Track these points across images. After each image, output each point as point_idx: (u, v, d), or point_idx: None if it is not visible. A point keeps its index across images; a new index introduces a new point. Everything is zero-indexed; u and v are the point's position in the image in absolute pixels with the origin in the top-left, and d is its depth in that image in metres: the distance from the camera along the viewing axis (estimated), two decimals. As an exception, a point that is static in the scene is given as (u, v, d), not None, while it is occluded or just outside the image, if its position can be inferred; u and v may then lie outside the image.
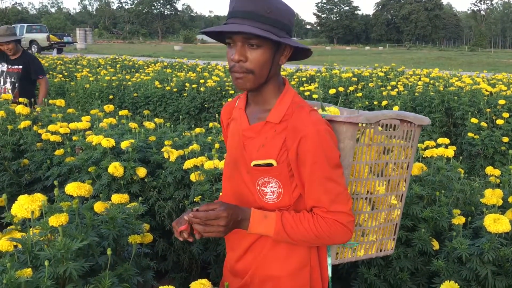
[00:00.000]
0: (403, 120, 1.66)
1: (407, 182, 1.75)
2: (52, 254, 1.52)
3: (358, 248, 1.71)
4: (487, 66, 26.43)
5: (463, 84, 7.80)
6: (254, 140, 1.50)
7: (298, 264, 1.54)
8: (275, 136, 1.46)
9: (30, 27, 33.68)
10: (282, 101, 1.49)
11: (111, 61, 17.00)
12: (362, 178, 1.63)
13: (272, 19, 1.38)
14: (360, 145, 1.59)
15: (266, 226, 1.44)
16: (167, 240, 3.00)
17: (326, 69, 11.19)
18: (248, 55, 1.39)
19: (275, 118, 1.47)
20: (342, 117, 1.55)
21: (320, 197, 1.44)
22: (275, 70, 1.47)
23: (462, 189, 2.68)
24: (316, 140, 1.40)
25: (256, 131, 1.50)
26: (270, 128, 1.48)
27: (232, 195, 1.61)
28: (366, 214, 1.67)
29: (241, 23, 1.36)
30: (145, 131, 3.63)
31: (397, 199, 1.74)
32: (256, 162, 1.48)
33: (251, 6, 1.36)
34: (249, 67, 1.40)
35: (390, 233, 1.78)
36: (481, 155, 5.67)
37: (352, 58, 35.08)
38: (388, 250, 1.80)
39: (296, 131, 1.42)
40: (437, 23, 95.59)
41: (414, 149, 1.74)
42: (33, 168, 3.52)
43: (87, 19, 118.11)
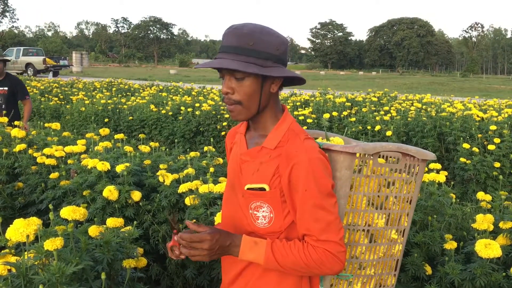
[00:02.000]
0: (404, 154, 1.65)
1: (410, 217, 1.71)
2: (46, 278, 1.53)
3: (354, 281, 1.67)
4: (478, 92, 26.78)
5: (455, 109, 7.91)
6: (250, 164, 1.52)
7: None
8: (270, 161, 1.48)
9: (26, 50, 33.89)
10: (279, 128, 1.51)
11: (107, 85, 17.08)
12: (359, 209, 1.60)
13: (256, 51, 1.41)
14: (358, 175, 1.58)
15: (256, 253, 1.44)
16: (161, 264, 2.99)
17: (320, 93, 11.32)
18: (235, 87, 1.43)
19: (271, 144, 1.50)
20: (339, 147, 1.55)
21: (310, 225, 1.43)
22: (268, 99, 1.49)
23: (454, 214, 2.71)
24: (307, 168, 1.41)
25: (252, 155, 1.52)
26: (265, 154, 1.50)
27: (228, 218, 1.62)
28: (363, 246, 1.64)
29: (226, 58, 1.41)
30: (140, 155, 3.65)
31: (398, 234, 1.70)
32: (249, 185, 1.50)
33: (235, 41, 1.41)
34: (236, 98, 1.44)
35: (391, 269, 1.73)
36: (473, 180, 5.72)
37: (345, 82, 35.44)
38: (388, 286, 1.74)
39: (289, 158, 1.44)
40: (429, 49, 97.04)
41: (418, 184, 1.70)
42: (27, 191, 3.52)
43: (84, 43, 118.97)
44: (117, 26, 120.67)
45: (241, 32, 1.42)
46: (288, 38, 61.73)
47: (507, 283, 2.12)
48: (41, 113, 12.06)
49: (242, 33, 1.42)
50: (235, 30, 1.43)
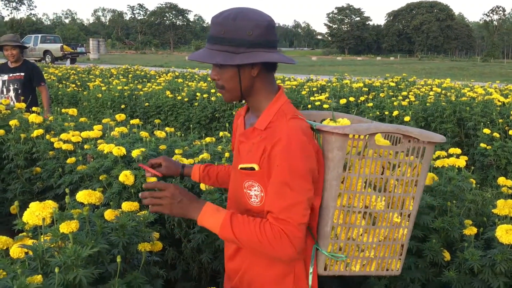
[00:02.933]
0: (406, 136, 1.61)
1: (416, 201, 1.67)
2: (62, 261, 1.53)
3: (352, 263, 1.66)
4: (499, 77, 26.23)
5: (475, 94, 7.74)
6: (245, 144, 1.59)
7: (281, 272, 1.57)
8: (259, 142, 1.53)
9: (44, 37, 34.22)
10: (270, 109, 1.56)
11: (123, 71, 17.16)
12: (355, 191, 1.59)
13: (227, 39, 1.47)
14: (353, 157, 1.56)
15: (215, 220, 1.48)
16: (177, 248, 3.00)
17: (337, 79, 11.20)
18: (218, 74, 1.54)
19: (261, 124, 1.55)
20: (329, 127, 1.55)
21: (273, 202, 1.46)
22: (251, 82, 1.54)
23: (474, 200, 2.65)
24: (284, 146, 1.44)
25: (247, 136, 1.59)
26: (256, 134, 1.55)
27: (233, 197, 1.70)
28: (361, 228, 1.62)
29: (206, 48, 1.52)
30: (155, 140, 3.65)
31: (402, 217, 1.67)
32: (242, 165, 1.57)
33: (212, 30, 1.51)
34: (220, 84, 1.55)
35: (395, 253, 1.71)
36: (493, 166, 5.62)
37: (363, 68, 35.05)
38: (394, 270, 1.73)
39: (272, 137, 1.49)
40: (449, 34, 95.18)
41: (425, 167, 1.66)
42: (45, 176, 3.55)
43: (100, 30, 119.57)
44: (133, 12, 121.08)
45: (216, 21, 1.49)
46: (304, 24, 60.36)
47: (529, 269, 2.08)
48: (59, 99, 12.18)
49: (217, 22, 1.49)
50: (213, 18, 1.51)
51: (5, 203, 3.82)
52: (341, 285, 2.56)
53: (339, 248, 1.62)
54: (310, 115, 1.93)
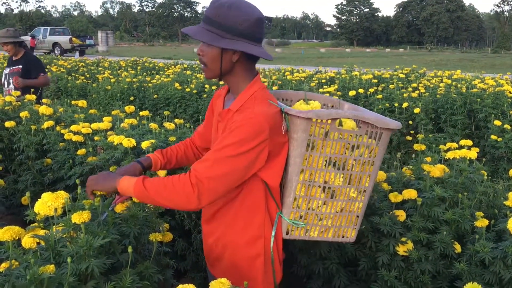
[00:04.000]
0: (364, 122, 1.78)
1: (372, 179, 1.88)
2: (74, 251, 1.54)
3: (312, 230, 1.88)
4: (510, 68, 25.91)
5: (486, 86, 7.66)
6: (220, 124, 1.75)
7: (254, 235, 1.76)
8: (229, 122, 1.67)
9: (53, 29, 34.33)
10: (245, 93, 1.71)
11: (132, 63, 17.19)
12: (316, 168, 1.78)
13: (217, 23, 1.63)
14: (314, 138, 1.74)
15: (129, 183, 1.68)
16: (187, 239, 3.01)
17: (346, 71, 11.13)
18: (204, 51, 1.69)
19: (234, 106, 1.70)
20: (295, 111, 1.71)
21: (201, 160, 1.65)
22: (230, 66, 1.70)
23: (485, 192, 2.63)
24: (238, 120, 1.62)
25: (222, 116, 1.74)
26: (230, 115, 1.70)
27: None
28: (320, 200, 1.84)
29: (200, 25, 1.67)
30: (165, 132, 3.66)
31: (358, 192, 1.88)
32: None
33: (207, 11, 1.66)
34: (203, 60, 1.70)
35: (351, 223, 1.93)
36: (504, 158, 5.57)
37: (372, 60, 34.81)
38: (349, 237, 1.96)
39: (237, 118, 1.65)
40: (459, 25, 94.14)
41: (381, 150, 1.85)
42: (55, 168, 3.57)
43: (109, 22, 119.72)
44: (142, 5, 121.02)
45: (214, 5, 1.65)
46: (313, 15, 60.00)
47: (541, 262, 2.06)
48: (68, 91, 12.23)
49: (214, 6, 1.64)
50: (212, 2, 1.66)
51: (16, 194, 3.85)
52: (352, 276, 2.56)
53: (300, 216, 1.85)
54: (287, 94, 2.19)
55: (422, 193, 2.43)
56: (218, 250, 1.84)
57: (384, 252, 2.38)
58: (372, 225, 2.42)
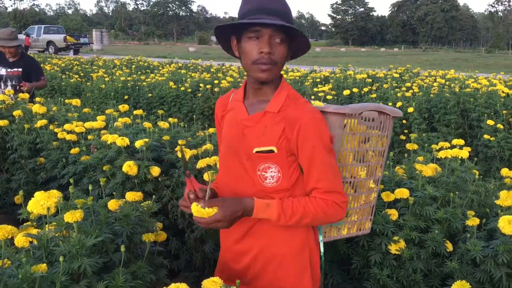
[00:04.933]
0: (380, 112, 1.83)
1: (383, 168, 1.94)
2: (67, 250, 1.54)
3: (342, 228, 1.89)
4: (504, 68, 26.04)
5: (479, 85, 7.70)
6: (253, 129, 1.62)
7: (300, 245, 1.68)
8: (274, 125, 1.58)
9: (47, 28, 34.15)
10: (279, 93, 1.62)
11: (127, 62, 17.14)
12: (347, 163, 1.79)
13: (291, 19, 1.55)
14: (346, 134, 1.75)
15: (268, 214, 1.55)
16: (180, 239, 3.02)
17: (341, 70, 11.15)
18: (275, 49, 1.53)
19: (274, 108, 1.60)
20: (332, 108, 1.71)
21: (319, 180, 1.56)
22: None
23: (477, 191, 2.65)
24: (313, 127, 1.55)
25: (256, 120, 1.62)
26: (269, 118, 1.60)
27: (230, 183, 1.72)
28: (350, 196, 1.83)
29: (273, 20, 1.48)
30: (159, 131, 3.66)
31: (375, 183, 1.92)
32: (258, 149, 1.60)
33: (278, 5, 1.52)
34: (275, 59, 1.53)
35: (368, 214, 1.96)
36: (497, 157, 5.60)
37: (367, 59, 34.88)
38: (366, 229, 1.98)
39: (294, 121, 1.56)
40: (454, 25, 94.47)
41: (389, 138, 1.91)
42: (49, 167, 3.57)
43: (103, 21, 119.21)
44: (136, 3, 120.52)
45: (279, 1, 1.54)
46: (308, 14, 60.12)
47: (531, 260, 2.08)
48: (62, 90, 12.18)
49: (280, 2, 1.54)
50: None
51: (9, 193, 3.84)
52: (345, 275, 2.57)
53: None
54: None
55: (414, 192, 2.45)
56: (258, 267, 1.70)
57: (376, 250, 2.39)
58: (365, 224, 2.44)
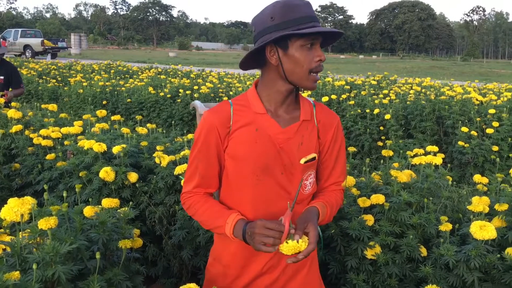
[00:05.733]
0: None
1: None
2: (41, 257, 1.52)
3: None
4: (479, 76, 26.65)
5: (454, 93, 7.86)
6: (292, 140, 1.58)
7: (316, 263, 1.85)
8: (310, 132, 1.62)
9: (24, 32, 33.60)
10: (303, 100, 1.65)
11: (105, 67, 16.97)
12: None
13: None
14: None
15: (324, 214, 1.59)
16: (158, 245, 3.00)
17: (320, 77, 11.25)
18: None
19: (307, 115, 1.62)
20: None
21: (341, 173, 1.71)
22: None
23: (450, 197, 2.71)
24: (341, 128, 1.69)
25: (293, 132, 1.59)
26: (304, 127, 1.61)
27: (258, 202, 1.58)
28: None
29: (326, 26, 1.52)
30: (137, 137, 3.64)
31: None
32: (305, 159, 1.59)
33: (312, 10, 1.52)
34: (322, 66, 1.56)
35: None
36: (471, 164, 5.72)
37: (346, 66, 35.25)
38: None
39: (328, 125, 1.65)
40: (430, 33, 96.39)
41: None
42: (24, 173, 3.51)
43: (82, 25, 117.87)
44: (116, 8, 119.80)
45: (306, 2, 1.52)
46: (288, 21, 60.76)
47: (502, 264, 2.13)
48: (39, 95, 12.00)
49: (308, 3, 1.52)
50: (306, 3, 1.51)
51: (-17, 199, 3.77)
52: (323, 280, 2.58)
53: None
54: None
55: (390, 198, 2.49)
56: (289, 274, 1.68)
57: (352, 256, 2.42)
58: (341, 229, 2.47)
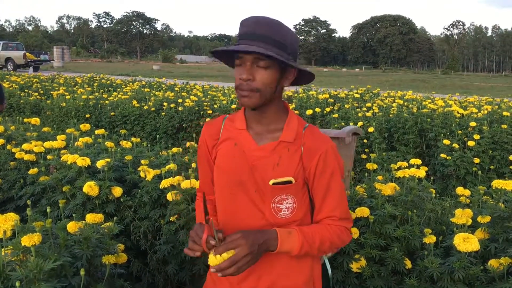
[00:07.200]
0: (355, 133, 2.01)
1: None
2: (24, 274, 1.50)
3: None
4: (459, 89, 27.13)
5: (435, 106, 7.99)
6: (267, 159, 1.54)
7: (307, 276, 1.62)
8: (290, 155, 1.54)
9: (6, 44, 33.28)
10: (291, 121, 1.58)
11: (89, 80, 16.87)
12: None
13: (284, 45, 1.47)
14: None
15: (291, 242, 1.48)
16: (142, 260, 2.97)
17: (303, 90, 11.34)
18: (257, 75, 1.46)
19: (289, 137, 1.55)
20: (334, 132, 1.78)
21: (335, 207, 1.56)
22: (279, 92, 1.54)
23: (434, 209, 2.74)
24: (332, 156, 1.55)
25: (269, 150, 1.55)
26: (283, 147, 1.54)
27: (230, 216, 1.60)
28: None
29: (255, 45, 1.43)
30: (121, 150, 3.62)
31: None
32: (275, 180, 1.52)
33: (265, 29, 1.45)
34: (256, 86, 1.46)
35: None
36: (453, 176, 5.80)
37: (329, 79, 35.58)
38: None
39: (313, 150, 1.54)
40: (412, 47, 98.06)
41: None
42: (5, 187, 3.46)
43: (65, 37, 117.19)
44: (99, 20, 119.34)
45: (261, 22, 1.46)
46: (272, 35, 61.62)
47: (485, 276, 2.16)
48: (21, 108, 11.86)
49: (266, 22, 1.45)
50: (260, 19, 1.46)
51: (-37, 215, 3.69)
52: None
53: None
54: None
55: (374, 211, 2.51)
56: None
57: (338, 269, 2.43)
58: (327, 243, 2.47)
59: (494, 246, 2.30)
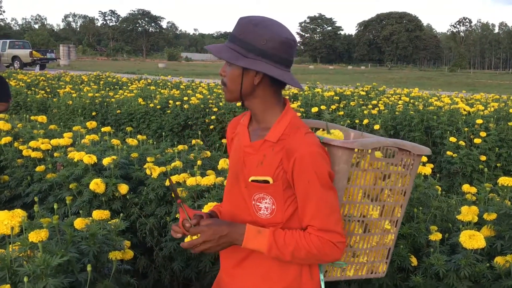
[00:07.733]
0: (401, 149, 1.71)
1: (403, 208, 1.78)
2: (31, 270, 1.52)
3: (348, 268, 1.74)
4: (466, 87, 26.98)
5: (442, 103, 7.96)
6: (253, 156, 1.56)
7: (289, 283, 1.57)
8: (273, 155, 1.53)
9: (12, 43, 33.49)
10: (280, 122, 1.56)
11: (95, 78, 16.93)
12: (355, 201, 1.67)
13: (242, 41, 1.49)
14: (355, 169, 1.63)
15: (259, 242, 1.49)
16: (148, 257, 2.98)
17: (309, 87, 11.33)
18: (226, 71, 1.55)
19: (273, 137, 1.54)
20: (338, 142, 1.59)
21: (313, 216, 1.49)
22: (251, 89, 1.54)
23: (440, 206, 2.73)
24: (309, 161, 1.47)
25: (256, 148, 1.57)
26: (268, 147, 1.54)
27: (229, 208, 1.66)
28: (358, 236, 1.71)
29: (227, 44, 1.53)
30: (127, 148, 3.63)
31: (392, 224, 1.78)
32: (253, 178, 1.55)
33: (236, 29, 1.52)
34: (225, 81, 1.56)
35: (383, 257, 1.81)
36: (459, 173, 5.78)
37: (334, 77, 35.51)
38: (379, 273, 1.82)
39: (291, 152, 1.49)
40: (418, 44, 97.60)
41: (413, 177, 1.77)
42: (13, 185, 3.48)
43: (71, 36, 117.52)
44: (105, 19, 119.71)
45: (240, 22, 1.52)
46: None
47: (491, 273, 2.15)
48: (28, 106, 11.92)
49: (240, 23, 1.52)
50: (239, 19, 1.53)
51: (-29, 212, 3.72)
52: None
53: None
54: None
55: (380, 208, 2.50)
56: None
57: (343, 266, 2.43)
58: (332, 240, 2.47)
59: (500, 244, 2.30)
